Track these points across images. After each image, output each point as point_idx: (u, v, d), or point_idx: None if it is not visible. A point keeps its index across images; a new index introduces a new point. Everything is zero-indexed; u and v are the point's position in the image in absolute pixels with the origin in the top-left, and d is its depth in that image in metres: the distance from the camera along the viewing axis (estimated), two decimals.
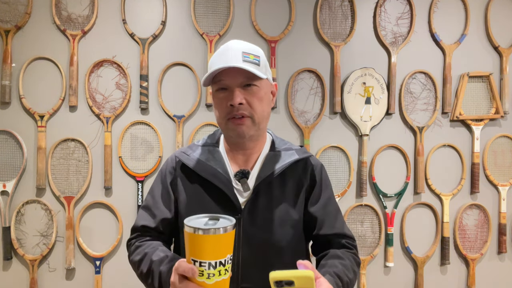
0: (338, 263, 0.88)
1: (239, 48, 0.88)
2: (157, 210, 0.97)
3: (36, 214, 2.00)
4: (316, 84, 2.14)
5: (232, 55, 0.86)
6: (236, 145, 0.96)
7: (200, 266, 0.61)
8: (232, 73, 0.87)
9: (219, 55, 0.89)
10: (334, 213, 1.00)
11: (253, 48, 0.91)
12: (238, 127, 0.89)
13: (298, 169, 0.99)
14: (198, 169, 0.95)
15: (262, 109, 0.91)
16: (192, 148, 1.01)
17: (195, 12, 2.07)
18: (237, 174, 0.94)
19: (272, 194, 0.94)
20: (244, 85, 0.88)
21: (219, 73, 0.88)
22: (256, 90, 0.89)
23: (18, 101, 1.98)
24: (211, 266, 0.61)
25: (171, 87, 2.07)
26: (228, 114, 0.89)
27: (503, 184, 2.19)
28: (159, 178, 1.02)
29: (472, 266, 2.17)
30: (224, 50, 0.89)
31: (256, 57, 0.89)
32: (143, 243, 0.94)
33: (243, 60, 0.86)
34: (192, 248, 0.62)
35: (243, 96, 0.87)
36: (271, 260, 0.90)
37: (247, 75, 0.87)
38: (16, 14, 1.98)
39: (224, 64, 0.85)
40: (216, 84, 0.90)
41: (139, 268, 0.89)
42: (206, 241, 0.61)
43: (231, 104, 0.87)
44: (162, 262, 0.84)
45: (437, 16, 2.17)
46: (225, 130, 0.93)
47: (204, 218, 0.69)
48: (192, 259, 0.62)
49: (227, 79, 0.88)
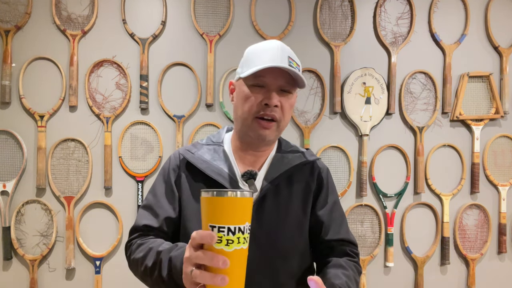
0: (342, 274, 0.86)
1: (286, 51, 0.87)
2: (160, 209, 0.93)
3: (36, 214, 2.00)
4: (316, 84, 2.14)
5: (280, 56, 0.84)
6: (249, 146, 0.94)
7: (219, 232, 0.59)
8: (275, 74, 0.85)
9: (264, 50, 0.87)
10: (339, 219, 0.99)
11: (295, 56, 0.90)
12: (263, 130, 0.88)
13: (305, 172, 0.98)
14: (204, 168, 0.92)
15: (288, 117, 0.92)
16: (196, 146, 0.99)
17: (195, 12, 2.07)
18: (245, 175, 0.91)
19: (279, 196, 0.92)
20: (281, 90, 0.87)
21: (261, 69, 0.85)
22: (290, 97, 0.89)
23: (18, 101, 1.98)
24: (230, 232, 0.59)
25: (171, 87, 2.07)
26: (258, 113, 0.87)
27: (503, 184, 2.19)
28: (161, 176, 0.98)
29: (472, 266, 2.17)
30: (271, 47, 0.87)
31: (298, 65, 0.88)
32: (146, 241, 0.89)
33: (288, 64, 0.84)
34: (210, 212, 0.60)
35: (279, 99, 0.86)
36: (277, 263, 0.89)
37: (287, 80, 0.86)
38: (16, 14, 1.98)
39: (273, 63, 0.83)
40: (255, 79, 0.87)
41: (142, 264, 0.83)
42: (225, 204, 0.59)
43: (266, 104, 0.85)
44: (171, 250, 0.78)
45: (437, 16, 2.17)
46: (246, 128, 0.90)
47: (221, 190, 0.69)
48: (210, 225, 0.60)
49: (268, 78, 0.86)
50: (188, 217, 0.92)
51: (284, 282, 0.91)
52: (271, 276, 0.88)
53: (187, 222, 0.92)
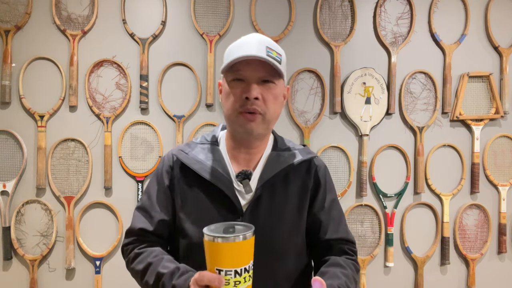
0: (341, 273, 0.85)
1: (264, 42, 0.85)
2: (154, 211, 0.92)
3: (36, 214, 2.00)
4: (316, 84, 2.14)
5: (256, 47, 0.82)
6: (241, 143, 0.92)
7: (226, 275, 0.60)
8: (253, 66, 0.83)
9: (241, 44, 0.85)
10: (338, 217, 0.98)
11: (276, 46, 0.87)
12: (248, 123, 0.85)
13: (302, 170, 0.95)
14: (198, 169, 0.90)
15: (275, 108, 0.88)
16: (190, 146, 0.96)
17: (195, 12, 2.07)
18: (239, 175, 0.89)
19: (275, 196, 0.91)
20: (262, 81, 0.85)
21: (238, 63, 0.83)
22: (272, 88, 0.86)
23: (18, 101, 1.98)
24: (237, 274, 0.60)
25: (171, 87, 2.07)
26: (241, 107, 0.85)
27: (503, 184, 2.19)
28: (155, 178, 0.97)
29: (472, 266, 2.17)
30: (248, 41, 0.85)
31: (279, 55, 0.86)
32: (143, 250, 0.90)
33: (267, 54, 0.82)
34: (216, 257, 0.61)
35: (260, 91, 0.84)
36: (273, 264, 0.88)
37: (267, 70, 0.84)
38: (16, 14, 1.98)
39: (247, 53, 0.81)
40: (233, 74, 0.85)
41: (143, 279, 0.85)
42: (230, 249, 0.60)
43: (246, 97, 0.83)
44: (173, 274, 0.79)
45: (437, 16, 2.17)
46: (233, 124, 0.89)
47: (221, 227, 0.68)
48: (217, 268, 0.61)
49: (246, 71, 0.84)
50: (183, 219, 0.91)
51: (281, 282, 0.90)
52: (268, 277, 0.87)
53: (182, 223, 0.91)
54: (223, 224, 0.69)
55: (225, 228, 0.67)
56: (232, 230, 0.65)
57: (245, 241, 0.61)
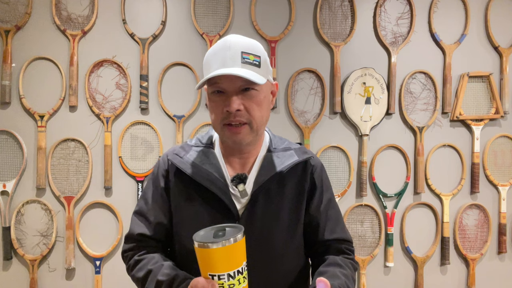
0: (340, 273, 0.85)
1: (238, 48, 0.81)
2: (152, 216, 0.92)
3: (36, 214, 2.00)
4: (316, 84, 2.14)
5: (231, 57, 0.80)
6: (232, 149, 0.91)
7: (219, 280, 0.60)
8: (230, 77, 0.80)
9: (216, 53, 0.83)
10: (335, 217, 0.97)
11: (253, 46, 0.84)
12: (235, 136, 0.84)
13: (298, 171, 0.93)
14: (193, 173, 0.88)
15: (261, 115, 0.85)
16: (185, 148, 0.95)
17: (195, 12, 2.07)
18: (234, 179, 0.88)
19: (271, 199, 0.89)
20: (243, 89, 0.82)
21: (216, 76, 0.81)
22: (255, 95, 0.83)
23: (18, 101, 1.98)
24: (230, 277, 0.60)
25: (171, 87, 2.07)
26: (224, 120, 0.83)
27: (503, 184, 2.19)
28: (151, 182, 0.96)
29: (472, 266, 2.17)
30: (222, 49, 0.82)
31: (256, 57, 0.83)
32: (142, 257, 0.90)
33: (242, 61, 0.80)
34: (207, 263, 0.61)
35: (241, 102, 0.81)
36: (271, 268, 0.88)
37: (245, 79, 0.80)
38: (16, 14, 1.98)
39: (221, 68, 0.79)
40: (212, 87, 0.83)
41: (143, 286, 0.86)
42: (221, 254, 0.60)
43: (227, 110, 0.81)
44: (172, 282, 0.79)
45: (437, 16, 2.17)
46: (221, 135, 0.89)
47: (211, 231, 0.67)
48: (210, 274, 0.61)
49: (224, 83, 0.81)
50: (180, 223, 0.91)
51: (279, 283, 0.90)
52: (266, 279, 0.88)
53: (179, 228, 0.91)
54: (212, 228, 0.68)
55: (215, 232, 0.67)
56: (222, 234, 0.64)
57: (236, 243, 0.61)
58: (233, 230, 0.65)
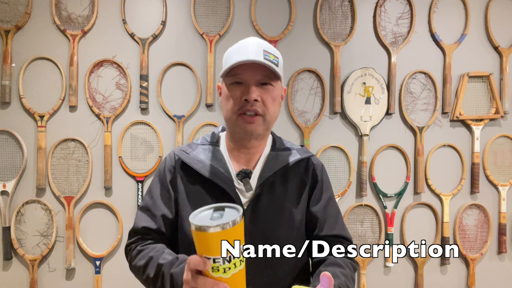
0: (340, 272, 0.86)
1: (261, 45, 0.87)
2: (157, 210, 0.94)
3: (36, 214, 2.00)
4: (316, 84, 2.14)
5: (254, 50, 0.85)
6: (240, 143, 0.95)
7: (214, 263, 0.59)
8: (251, 69, 0.86)
9: (239, 48, 0.88)
10: (334, 215, 1.00)
11: (273, 49, 0.90)
12: (248, 125, 0.88)
13: (300, 169, 0.98)
14: (199, 168, 0.92)
15: (274, 110, 0.91)
16: (191, 146, 0.99)
17: (195, 12, 2.07)
18: (239, 174, 0.92)
19: (275, 194, 0.93)
20: (261, 83, 0.88)
21: (237, 67, 0.86)
22: (271, 90, 0.89)
23: (18, 101, 1.98)
24: (225, 261, 0.59)
25: (171, 87, 2.07)
26: (240, 109, 0.88)
27: (503, 184, 2.19)
28: (157, 178, 0.99)
29: (472, 266, 2.17)
30: (245, 45, 0.88)
31: (276, 57, 0.89)
32: (145, 247, 0.91)
33: (264, 57, 0.85)
34: (202, 245, 0.59)
35: (259, 93, 0.87)
36: (274, 262, 0.89)
37: (265, 73, 0.87)
38: (16, 14, 1.98)
39: (245, 58, 0.84)
40: (232, 77, 0.88)
41: (144, 273, 0.86)
42: (216, 238, 0.58)
43: (245, 99, 0.86)
44: (172, 264, 0.81)
45: (437, 16, 2.17)
46: (233, 125, 0.91)
47: (208, 211, 0.65)
48: (205, 256, 0.60)
49: (245, 74, 0.87)
50: (185, 218, 0.92)
51: (282, 277, 0.91)
52: (268, 274, 0.89)
53: (184, 223, 0.93)
54: (209, 208, 0.65)
55: (213, 211, 0.64)
56: (219, 215, 0.62)
57: (233, 227, 0.58)
58: (232, 211, 0.63)
